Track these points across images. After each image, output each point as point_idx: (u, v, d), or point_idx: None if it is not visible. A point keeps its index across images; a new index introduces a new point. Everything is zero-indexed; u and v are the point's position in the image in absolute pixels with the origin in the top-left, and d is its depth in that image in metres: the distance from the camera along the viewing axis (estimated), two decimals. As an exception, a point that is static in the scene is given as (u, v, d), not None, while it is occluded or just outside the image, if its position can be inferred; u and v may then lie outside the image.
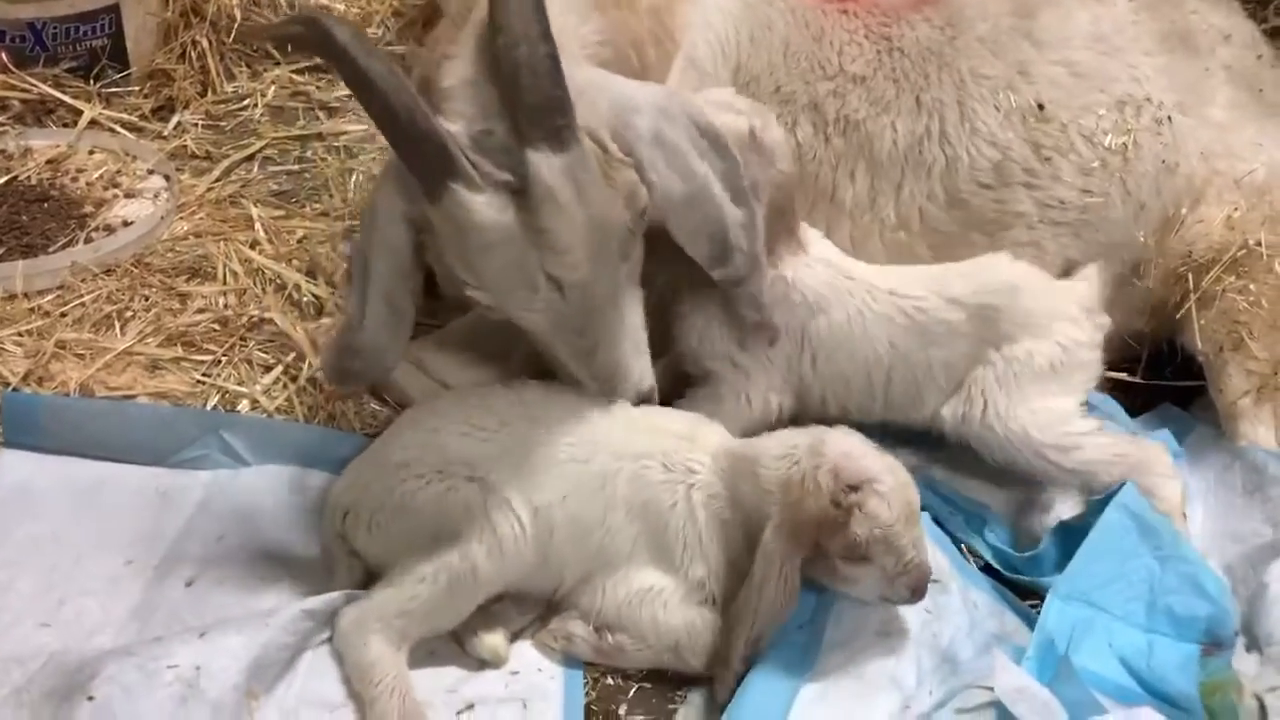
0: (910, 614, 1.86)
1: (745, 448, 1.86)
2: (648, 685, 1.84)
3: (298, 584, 1.93)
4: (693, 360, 2.12)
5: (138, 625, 1.87)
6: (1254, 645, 1.82)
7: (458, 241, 1.78)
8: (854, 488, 1.72)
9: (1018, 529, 2.13)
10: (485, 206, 1.73)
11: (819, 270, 2.09)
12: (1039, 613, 1.85)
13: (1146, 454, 2.04)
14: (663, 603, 1.81)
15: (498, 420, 1.87)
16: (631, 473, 1.84)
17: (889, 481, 1.74)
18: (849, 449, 1.77)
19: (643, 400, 1.94)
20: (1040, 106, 2.25)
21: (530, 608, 1.90)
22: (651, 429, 1.90)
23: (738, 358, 2.08)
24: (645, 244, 1.93)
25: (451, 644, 1.85)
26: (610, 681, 1.85)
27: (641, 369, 1.92)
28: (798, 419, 2.10)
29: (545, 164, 1.72)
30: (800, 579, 1.75)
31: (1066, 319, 2.09)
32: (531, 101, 1.71)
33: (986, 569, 2.05)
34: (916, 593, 1.77)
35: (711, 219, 1.89)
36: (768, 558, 1.72)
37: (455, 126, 1.78)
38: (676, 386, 2.14)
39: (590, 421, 1.88)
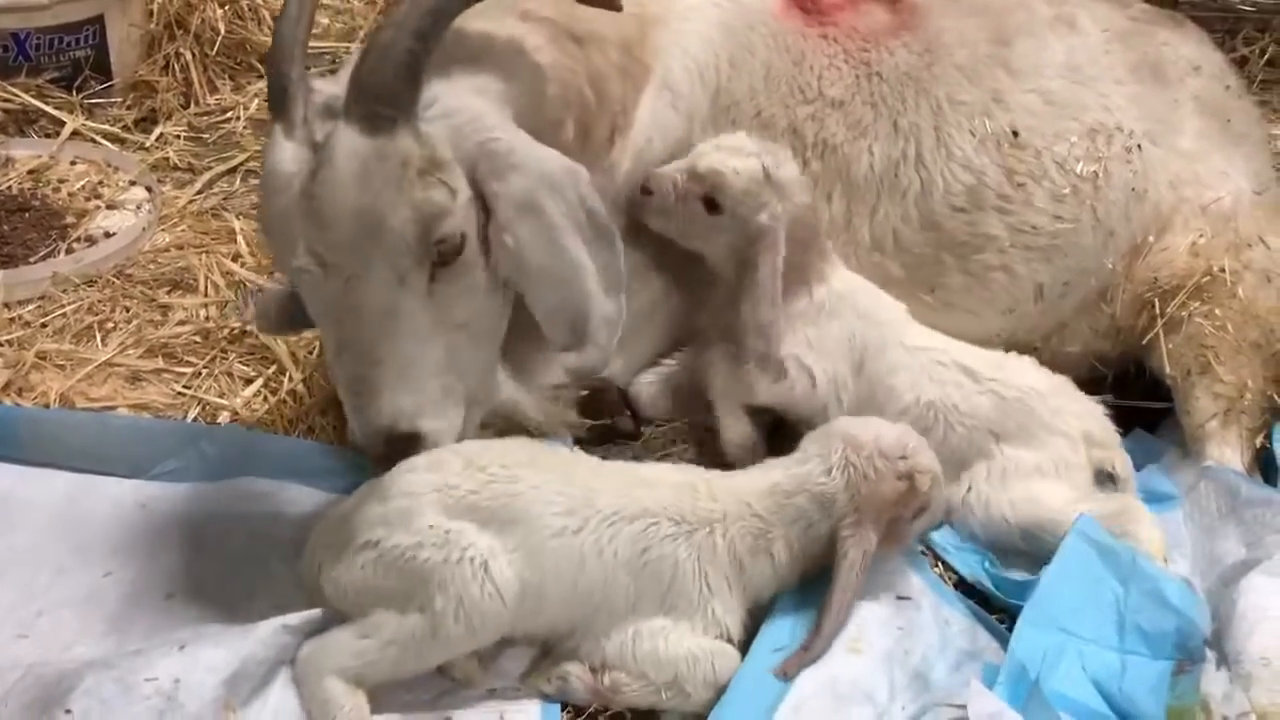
0: (882, 631, 1.88)
1: (783, 481, 1.89)
2: (626, 706, 1.85)
3: (277, 597, 1.92)
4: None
5: (116, 637, 1.87)
6: (1224, 662, 1.85)
7: (260, 179, 1.83)
8: (902, 455, 1.88)
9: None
10: (282, 152, 1.76)
11: (857, 314, 2.16)
12: (1011, 629, 1.88)
13: (1118, 505, 2.08)
14: (664, 636, 1.80)
15: (478, 488, 1.78)
16: (632, 534, 1.81)
17: (914, 437, 1.92)
18: (872, 428, 1.91)
19: (392, 445, 1.81)
20: (1015, 133, 2.29)
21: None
22: (644, 482, 1.88)
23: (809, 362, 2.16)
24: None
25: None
26: (588, 696, 1.86)
27: (399, 406, 1.80)
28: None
29: (346, 138, 1.73)
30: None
31: (1067, 440, 2.13)
32: (364, 79, 1.74)
33: (960, 585, 2.08)
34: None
35: (574, 305, 1.87)
36: (856, 546, 1.83)
37: (330, 87, 1.83)
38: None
39: (577, 484, 1.83)
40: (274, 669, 1.77)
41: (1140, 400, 2.37)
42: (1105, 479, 2.17)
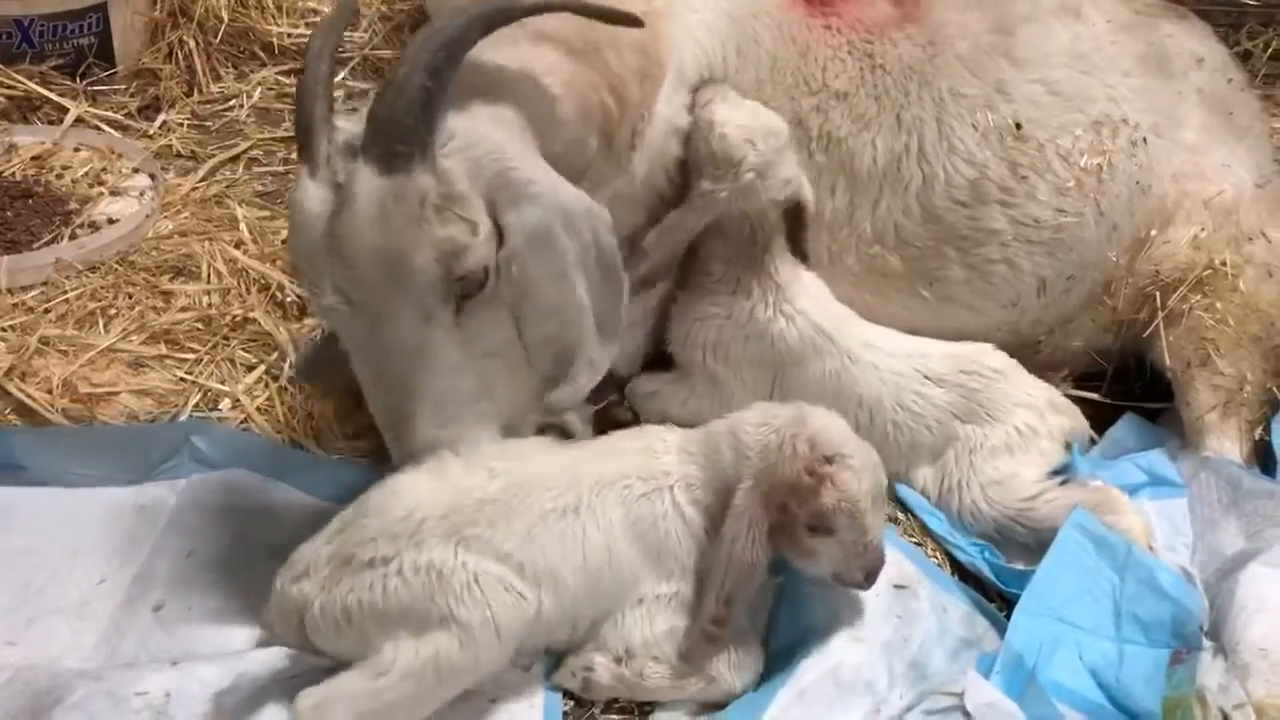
0: (882, 620, 1.89)
1: (721, 421, 1.90)
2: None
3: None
4: (678, 356, 2.24)
5: (106, 650, 1.84)
6: (1220, 652, 1.86)
7: (289, 217, 1.84)
8: (829, 459, 1.79)
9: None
10: (307, 192, 1.78)
11: (799, 324, 2.17)
12: (1009, 616, 1.89)
13: (1103, 496, 2.09)
14: (676, 608, 1.81)
15: (481, 484, 1.76)
16: (616, 496, 1.83)
17: (862, 459, 1.82)
18: (829, 424, 1.85)
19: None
20: (1018, 125, 2.28)
21: None
22: (612, 451, 1.90)
23: (716, 371, 2.19)
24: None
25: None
26: (588, 685, 1.86)
27: (434, 437, 1.80)
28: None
29: (363, 177, 1.73)
30: (768, 557, 1.81)
31: (1031, 410, 2.19)
32: (379, 116, 1.73)
33: (957, 570, 2.09)
34: (869, 576, 1.83)
35: (566, 342, 1.87)
36: (738, 516, 1.77)
37: (354, 126, 1.83)
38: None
39: (563, 464, 1.84)
40: (267, 687, 1.75)
41: (1137, 399, 2.37)
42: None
